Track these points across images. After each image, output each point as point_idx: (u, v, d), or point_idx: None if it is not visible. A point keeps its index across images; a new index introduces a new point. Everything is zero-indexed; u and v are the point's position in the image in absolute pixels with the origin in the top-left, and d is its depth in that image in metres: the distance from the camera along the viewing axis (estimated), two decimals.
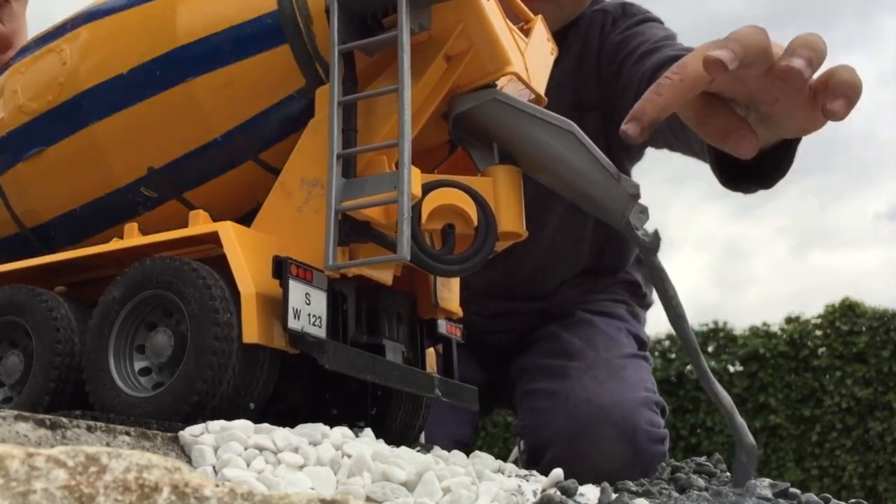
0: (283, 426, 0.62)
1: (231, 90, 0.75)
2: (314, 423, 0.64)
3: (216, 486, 0.38)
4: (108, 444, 0.57)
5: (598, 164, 0.71)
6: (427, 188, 0.70)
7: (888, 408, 5.54)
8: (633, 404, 1.35)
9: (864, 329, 5.75)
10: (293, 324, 0.65)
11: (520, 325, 1.58)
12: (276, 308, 0.66)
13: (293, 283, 0.65)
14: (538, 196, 0.88)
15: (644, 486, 0.63)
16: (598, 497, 0.59)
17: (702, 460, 0.70)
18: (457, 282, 0.86)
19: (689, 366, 6.00)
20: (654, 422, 1.36)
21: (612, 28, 1.46)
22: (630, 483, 0.63)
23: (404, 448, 0.66)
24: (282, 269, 0.65)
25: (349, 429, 0.64)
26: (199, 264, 0.68)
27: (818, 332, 5.92)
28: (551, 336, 1.52)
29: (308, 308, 0.66)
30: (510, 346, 1.58)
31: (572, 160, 0.72)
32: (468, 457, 0.74)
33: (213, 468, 0.57)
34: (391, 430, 0.82)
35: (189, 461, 0.58)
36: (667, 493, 0.61)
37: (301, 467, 0.58)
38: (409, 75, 0.67)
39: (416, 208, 0.69)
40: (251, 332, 0.65)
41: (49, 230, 0.86)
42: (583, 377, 1.39)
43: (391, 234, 0.68)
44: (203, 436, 0.59)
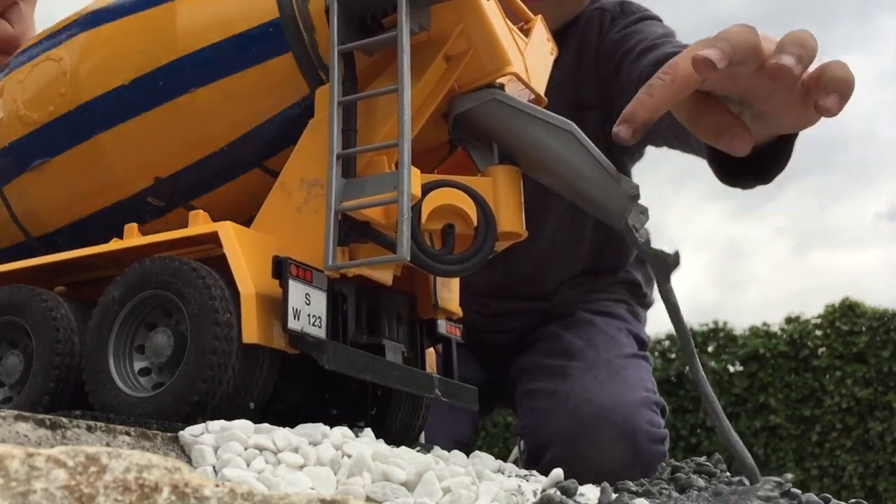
0: (283, 426, 0.62)
1: (234, 100, 0.75)
2: (314, 423, 0.64)
3: (216, 486, 0.38)
4: (108, 444, 0.57)
5: (598, 164, 0.71)
6: (427, 188, 0.70)
7: (888, 408, 5.54)
8: (633, 404, 1.34)
9: (864, 329, 5.75)
10: (293, 324, 0.65)
11: (520, 325, 1.58)
12: (276, 308, 0.66)
13: (293, 284, 0.65)
14: (538, 196, 0.88)
15: (644, 486, 0.63)
16: (598, 497, 0.59)
17: (702, 460, 0.70)
18: (456, 282, 0.86)
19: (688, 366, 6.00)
20: (654, 422, 1.36)
21: (610, 26, 1.46)
22: (630, 483, 0.63)
23: (404, 448, 0.66)
24: (281, 269, 0.65)
25: (349, 429, 0.64)
26: (199, 264, 0.68)
27: (818, 332, 5.92)
28: (551, 336, 1.52)
29: (308, 308, 0.66)
30: (510, 345, 1.58)
31: (572, 160, 0.72)
32: (468, 457, 0.74)
33: (213, 468, 0.57)
34: (391, 431, 0.82)
35: (189, 461, 0.58)
36: (667, 493, 0.61)
37: (301, 467, 0.58)
38: (408, 75, 0.67)
39: (416, 208, 0.69)
40: (251, 332, 0.65)
41: (55, 239, 0.86)
42: (583, 377, 1.39)
43: (391, 235, 0.68)
44: (203, 436, 0.59)
